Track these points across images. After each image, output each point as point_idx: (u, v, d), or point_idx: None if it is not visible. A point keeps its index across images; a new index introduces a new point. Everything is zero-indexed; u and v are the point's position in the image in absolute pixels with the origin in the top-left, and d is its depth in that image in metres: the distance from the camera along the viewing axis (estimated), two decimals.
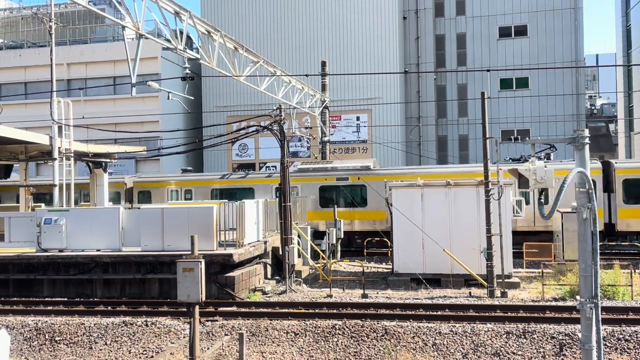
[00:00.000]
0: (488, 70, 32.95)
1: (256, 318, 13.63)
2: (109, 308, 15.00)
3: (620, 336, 11.63)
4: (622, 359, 11.06)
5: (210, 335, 12.97)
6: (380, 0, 36.56)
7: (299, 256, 19.38)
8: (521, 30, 37.02)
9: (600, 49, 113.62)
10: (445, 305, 14.24)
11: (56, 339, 13.21)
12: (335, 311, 14.00)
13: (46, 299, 16.16)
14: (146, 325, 13.44)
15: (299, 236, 19.98)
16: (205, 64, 17.69)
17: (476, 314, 13.35)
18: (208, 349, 12.26)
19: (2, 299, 16.24)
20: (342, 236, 22.21)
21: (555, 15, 36.33)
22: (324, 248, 20.91)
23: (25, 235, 17.14)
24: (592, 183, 6.46)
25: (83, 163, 22.76)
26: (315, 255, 20.93)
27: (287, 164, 18.37)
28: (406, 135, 37.11)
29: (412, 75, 37.66)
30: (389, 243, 18.80)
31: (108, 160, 22.76)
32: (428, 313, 13.58)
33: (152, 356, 12.24)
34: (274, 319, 13.51)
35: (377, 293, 16.26)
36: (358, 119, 36.69)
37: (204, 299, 11.03)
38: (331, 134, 31.12)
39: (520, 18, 36.96)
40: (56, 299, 16.13)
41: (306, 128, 34.15)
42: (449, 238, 17.12)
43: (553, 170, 7.89)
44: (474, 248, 16.70)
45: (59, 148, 19.90)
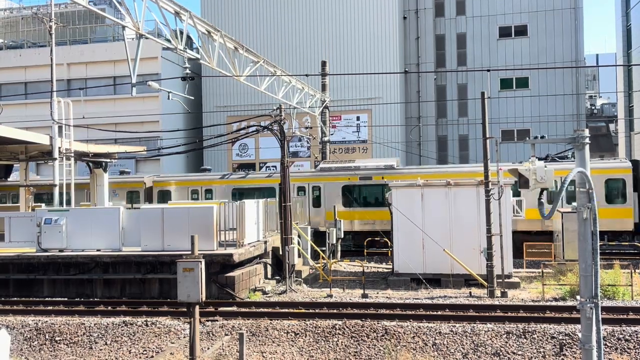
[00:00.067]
0: (488, 70, 32.92)
1: (256, 318, 13.63)
2: (109, 308, 15.00)
3: (620, 336, 11.62)
4: (622, 359, 11.06)
5: (211, 335, 12.97)
6: (380, 0, 36.55)
7: (299, 256, 19.39)
8: (521, 30, 36.99)
9: (600, 49, 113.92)
10: (446, 305, 14.25)
11: (56, 339, 13.21)
12: (335, 311, 14.00)
13: (46, 299, 16.16)
14: (146, 325, 13.44)
15: (299, 236, 19.99)
16: (205, 64, 17.69)
17: (476, 314, 13.35)
18: (208, 349, 12.26)
19: (2, 299, 16.24)
20: (342, 236, 22.14)
21: (556, 15, 36.32)
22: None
23: (25, 235, 17.16)
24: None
25: (83, 163, 22.76)
26: (315, 255, 20.93)
27: (287, 163, 18.38)
28: (406, 135, 37.10)
29: (412, 75, 37.64)
30: (389, 243, 18.78)
31: (108, 160, 22.76)
32: (428, 313, 13.58)
33: (152, 356, 12.25)
34: (274, 319, 13.51)
35: (377, 293, 16.26)
36: (358, 119, 36.69)
37: (204, 299, 11.02)
38: (331, 134, 31.13)
39: (520, 18, 36.95)
40: (56, 299, 16.14)
41: (306, 128, 34.12)
42: (449, 238, 17.12)
43: (553, 170, 7.89)
44: (474, 248, 16.70)
45: (59, 148, 19.91)
